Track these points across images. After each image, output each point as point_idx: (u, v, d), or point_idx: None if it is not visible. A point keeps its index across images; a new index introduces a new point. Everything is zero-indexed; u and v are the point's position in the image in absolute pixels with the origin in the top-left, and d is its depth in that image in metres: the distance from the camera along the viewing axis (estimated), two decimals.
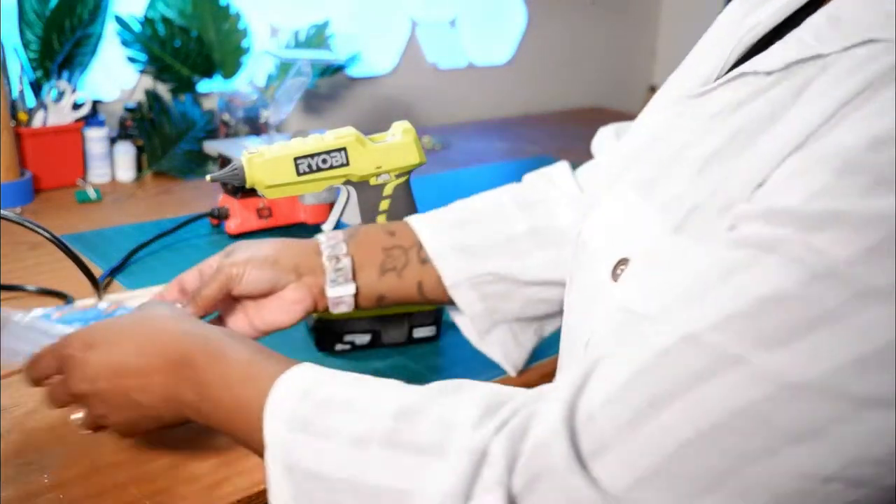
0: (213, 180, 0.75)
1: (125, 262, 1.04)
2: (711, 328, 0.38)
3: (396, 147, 0.79)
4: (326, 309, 0.71)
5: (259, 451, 0.50)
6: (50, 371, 0.59)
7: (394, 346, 0.85)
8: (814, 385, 0.35)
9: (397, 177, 0.80)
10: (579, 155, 0.59)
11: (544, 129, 2.03)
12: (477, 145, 1.82)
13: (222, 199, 1.16)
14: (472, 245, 0.73)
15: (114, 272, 1.01)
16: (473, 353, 0.85)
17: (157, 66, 1.48)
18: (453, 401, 0.45)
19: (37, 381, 0.60)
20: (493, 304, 0.74)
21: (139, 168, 1.43)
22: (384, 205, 0.80)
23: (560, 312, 0.75)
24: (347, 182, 0.79)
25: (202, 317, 0.67)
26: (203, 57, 1.50)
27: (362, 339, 0.83)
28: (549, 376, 0.85)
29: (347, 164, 0.77)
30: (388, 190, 0.80)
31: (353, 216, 0.81)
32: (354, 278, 0.70)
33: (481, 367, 0.82)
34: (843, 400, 0.35)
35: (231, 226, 1.14)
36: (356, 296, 0.70)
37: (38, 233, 0.84)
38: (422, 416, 0.45)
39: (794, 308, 0.36)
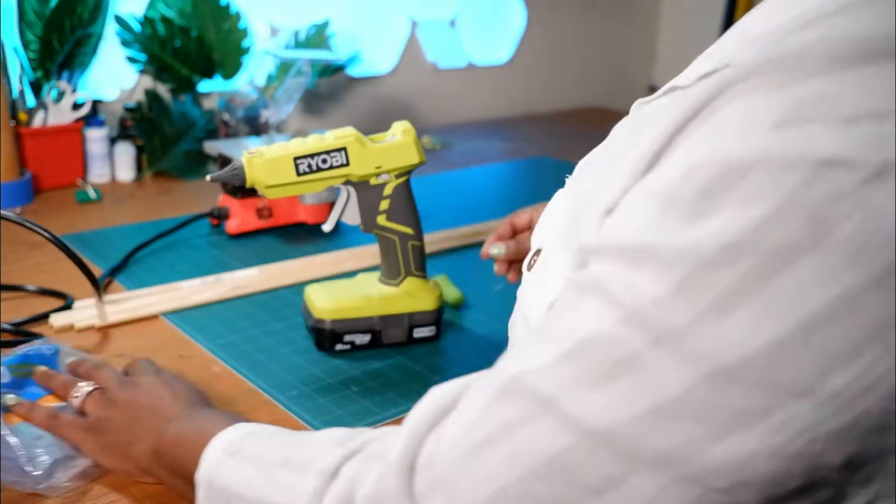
0: (213, 180, 0.75)
1: (125, 262, 1.04)
2: (535, 371, 0.37)
3: (396, 147, 0.79)
4: None
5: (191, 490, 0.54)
6: (108, 377, 0.66)
7: (394, 346, 0.85)
8: (610, 435, 0.35)
9: (397, 177, 0.80)
10: (579, 155, 0.58)
11: (544, 129, 2.03)
12: (477, 145, 1.82)
13: (222, 199, 1.16)
14: None
15: (114, 272, 1.01)
16: (473, 354, 0.86)
17: (157, 66, 1.48)
18: (340, 429, 0.50)
19: (87, 376, 0.67)
20: None
21: (139, 168, 1.43)
22: (384, 205, 0.80)
23: None
24: (347, 182, 0.79)
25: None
26: (203, 57, 1.50)
27: (362, 338, 0.83)
28: None
29: (347, 164, 0.77)
30: (388, 190, 0.80)
31: (353, 216, 0.81)
32: None
33: (481, 367, 0.82)
34: (635, 454, 0.34)
35: (231, 226, 1.14)
36: None
37: (38, 233, 0.84)
38: (311, 439, 0.50)
39: (604, 352, 0.35)
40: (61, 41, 1.34)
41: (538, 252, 0.52)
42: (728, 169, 0.34)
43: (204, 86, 1.55)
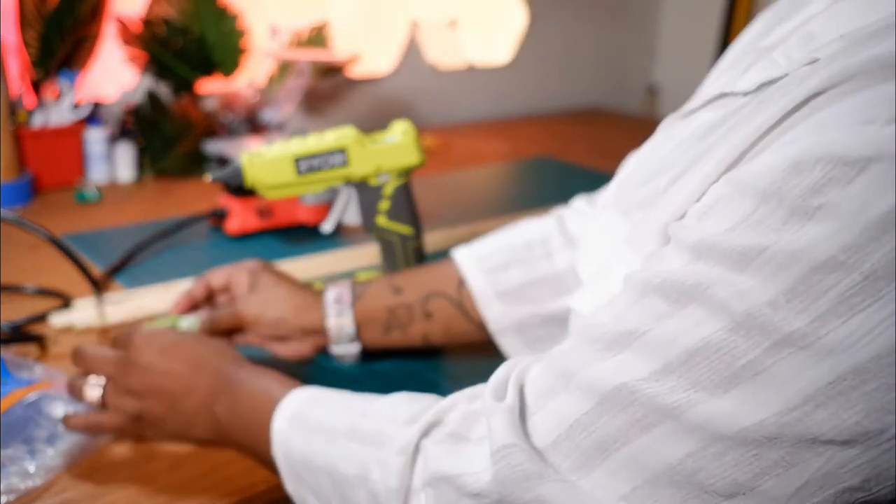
0: (213, 180, 0.75)
1: (125, 262, 1.04)
2: (646, 379, 0.38)
3: (396, 147, 0.79)
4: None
5: (266, 458, 0.59)
6: (104, 364, 0.65)
7: None
8: (739, 438, 0.35)
9: (397, 177, 0.80)
10: (579, 155, 0.59)
11: (544, 129, 2.03)
12: (477, 145, 1.81)
13: (222, 199, 1.16)
14: (517, 288, 0.76)
15: (113, 272, 1.01)
16: (474, 353, 0.85)
17: (157, 66, 1.48)
18: (399, 399, 0.54)
19: (86, 369, 0.66)
20: (538, 346, 0.76)
21: (139, 168, 1.43)
22: (384, 205, 0.80)
23: None
24: (347, 182, 0.79)
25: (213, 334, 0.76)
26: (203, 57, 1.50)
27: None
28: None
29: (347, 164, 0.77)
30: (388, 190, 0.80)
31: (353, 216, 0.81)
32: (359, 336, 0.77)
33: (482, 368, 0.81)
34: (769, 450, 0.35)
35: (231, 226, 1.14)
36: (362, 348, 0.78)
37: (37, 233, 0.84)
38: (375, 412, 0.54)
39: (720, 359, 0.36)
40: (61, 41, 1.34)
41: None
42: (842, 164, 0.33)
43: (204, 86, 1.55)
